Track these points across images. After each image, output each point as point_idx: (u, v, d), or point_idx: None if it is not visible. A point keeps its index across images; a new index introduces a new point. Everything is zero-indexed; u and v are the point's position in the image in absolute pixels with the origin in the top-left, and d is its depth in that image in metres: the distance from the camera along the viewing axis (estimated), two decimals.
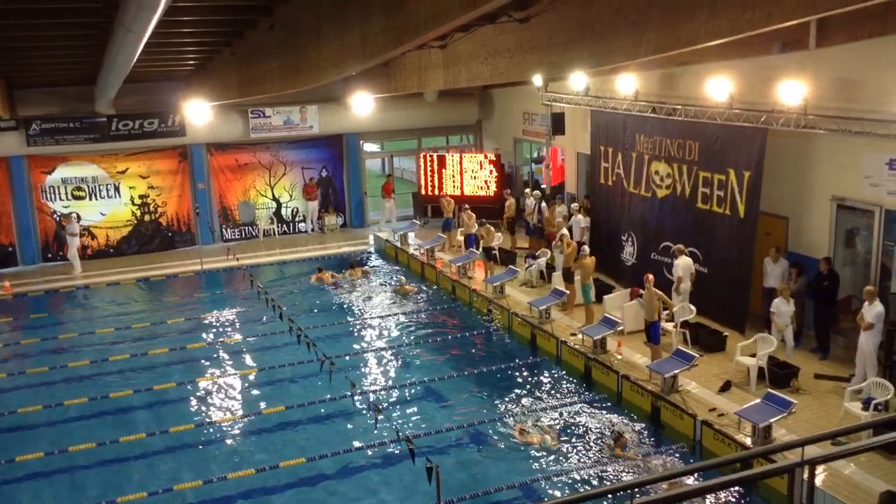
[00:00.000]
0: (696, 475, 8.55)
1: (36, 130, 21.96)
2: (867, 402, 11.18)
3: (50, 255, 23.10)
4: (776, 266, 14.31)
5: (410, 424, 12.56)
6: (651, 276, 13.93)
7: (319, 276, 20.72)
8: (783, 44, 14.28)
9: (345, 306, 18.95)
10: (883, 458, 10.41)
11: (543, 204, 20.73)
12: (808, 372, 12.98)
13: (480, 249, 19.69)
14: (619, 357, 14.36)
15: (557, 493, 10.70)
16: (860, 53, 12.80)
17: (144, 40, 10.85)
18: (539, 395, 13.83)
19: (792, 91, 13.03)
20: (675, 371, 12.76)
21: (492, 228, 19.81)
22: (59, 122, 22.11)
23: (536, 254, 19.44)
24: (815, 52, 13.58)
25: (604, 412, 12.99)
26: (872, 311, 11.93)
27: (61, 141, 22.28)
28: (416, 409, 13.55)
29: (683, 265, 15.08)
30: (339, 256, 22.91)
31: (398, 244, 22.75)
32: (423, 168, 25.48)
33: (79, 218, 22.92)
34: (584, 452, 11.79)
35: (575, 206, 19.09)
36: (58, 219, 22.83)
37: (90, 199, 23.31)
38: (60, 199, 23.01)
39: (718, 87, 14.51)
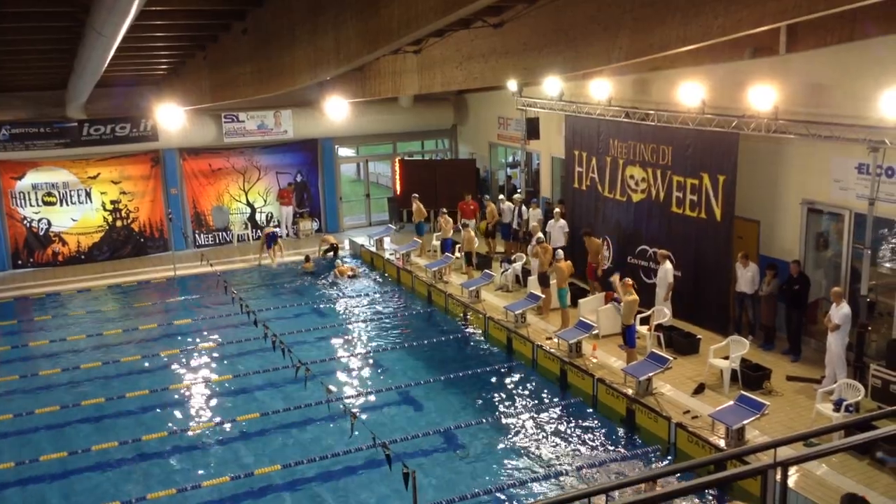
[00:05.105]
0: (670, 477, 8.60)
1: (5, 135, 21.59)
2: (838, 403, 11.32)
3: (20, 262, 22.75)
4: (745, 271, 14.45)
5: (387, 430, 12.50)
6: (615, 295, 14.00)
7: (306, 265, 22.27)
8: (754, 49, 14.45)
9: (320, 311, 18.86)
10: (854, 459, 10.54)
11: (524, 207, 20.71)
12: (780, 374, 13.13)
13: (457, 253, 19.66)
14: (595, 360, 14.42)
15: (532, 498, 10.71)
16: (829, 59, 13.00)
17: (116, 44, 10.73)
18: (515, 398, 13.85)
19: (763, 96, 13.18)
20: (650, 374, 12.85)
21: (470, 232, 19.81)
22: (29, 127, 21.75)
23: (512, 258, 19.47)
24: (786, 58, 13.75)
25: (579, 416, 13.04)
26: (839, 312, 12.09)
27: (31, 146, 21.92)
28: (392, 414, 13.51)
29: (662, 272, 15.16)
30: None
31: (373, 249, 22.70)
32: (398, 173, 25.43)
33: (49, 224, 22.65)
34: (560, 456, 11.82)
35: (557, 210, 19.10)
36: None
37: (61, 204, 22.98)
38: (31, 204, 22.67)
39: (690, 93, 14.65)
